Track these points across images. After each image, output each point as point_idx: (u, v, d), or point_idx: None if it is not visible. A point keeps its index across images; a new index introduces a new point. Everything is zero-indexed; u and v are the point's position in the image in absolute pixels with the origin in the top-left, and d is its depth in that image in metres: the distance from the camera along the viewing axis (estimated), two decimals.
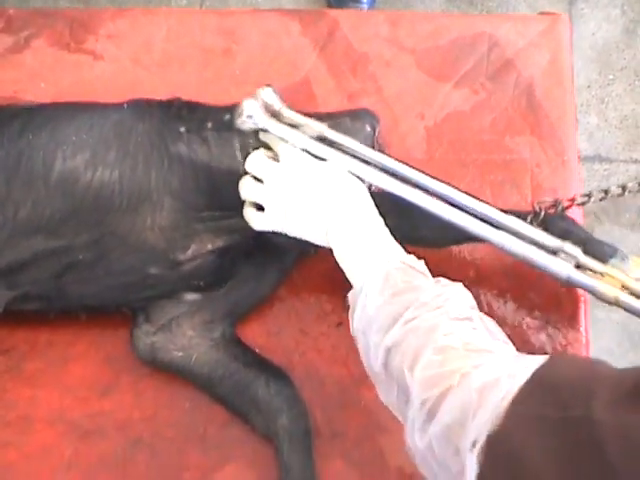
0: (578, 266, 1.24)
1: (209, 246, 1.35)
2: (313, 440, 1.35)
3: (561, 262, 1.23)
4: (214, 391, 1.39)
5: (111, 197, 1.30)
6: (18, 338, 1.43)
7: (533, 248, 1.24)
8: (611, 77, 2.87)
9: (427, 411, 0.95)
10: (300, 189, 1.22)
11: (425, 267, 1.14)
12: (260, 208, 1.27)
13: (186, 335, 1.38)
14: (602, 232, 2.66)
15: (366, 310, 1.11)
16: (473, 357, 0.96)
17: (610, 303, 1.23)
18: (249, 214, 1.28)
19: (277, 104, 1.32)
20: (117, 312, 1.42)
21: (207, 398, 1.39)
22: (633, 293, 1.24)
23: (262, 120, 1.29)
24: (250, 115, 1.28)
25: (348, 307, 1.33)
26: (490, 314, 1.37)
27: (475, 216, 1.27)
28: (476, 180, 1.51)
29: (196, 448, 1.38)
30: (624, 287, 1.24)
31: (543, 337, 1.43)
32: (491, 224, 1.27)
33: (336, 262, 1.25)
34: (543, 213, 1.32)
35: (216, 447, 1.38)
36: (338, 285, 1.41)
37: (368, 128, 1.42)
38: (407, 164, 1.31)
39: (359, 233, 1.18)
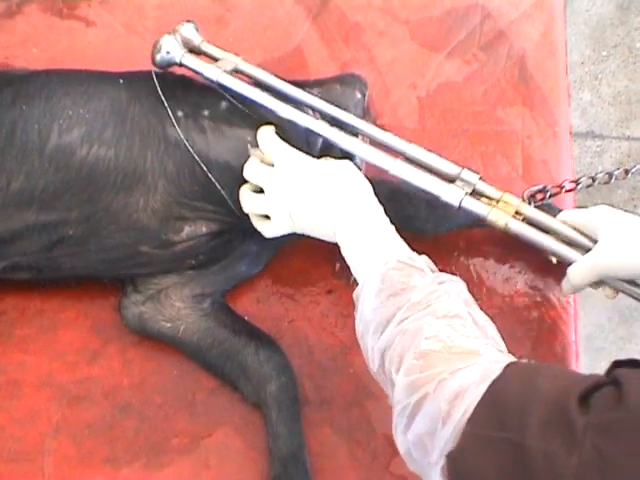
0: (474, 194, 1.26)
1: (204, 229, 1.35)
2: (301, 407, 1.36)
3: (454, 189, 1.25)
4: (203, 359, 1.39)
5: (106, 174, 1.29)
6: (8, 304, 1.43)
7: (427, 175, 1.26)
8: (605, 54, 2.87)
9: (406, 418, 0.96)
10: (301, 192, 1.22)
11: (425, 263, 1.12)
12: (267, 216, 1.27)
13: (174, 306, 1.38)
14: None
15: (364, 314, 1.11)
16: (453, 361, 0.95)
17: (502, 231, 1.25)
18: (258, 225, 1.29)
19: (197, 39, 1.37)
20: (107, 281, 1.42)
21: (195, 365, 1.39)
22: (526, 219, 1.26)
23: (179, 55, 1.34)
24: (168, 51, 1.33)
25: (341, 276, 1.35)
26: (479, 284, 1.40)
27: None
28: (467, 150, 1.51)
29: (184, 414, 1.39)
30: (518, 213, 1.26)
31: (532, 308, 1.44)
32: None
33: None
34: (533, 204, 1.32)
35: (204, 413, 1.38)
36: (328, 253, 1.42)
37: (358, 94, 1.43)
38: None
39: (360, 231, 1.17)
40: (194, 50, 1.37)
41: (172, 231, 1.34)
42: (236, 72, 1.34)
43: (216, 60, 1.36)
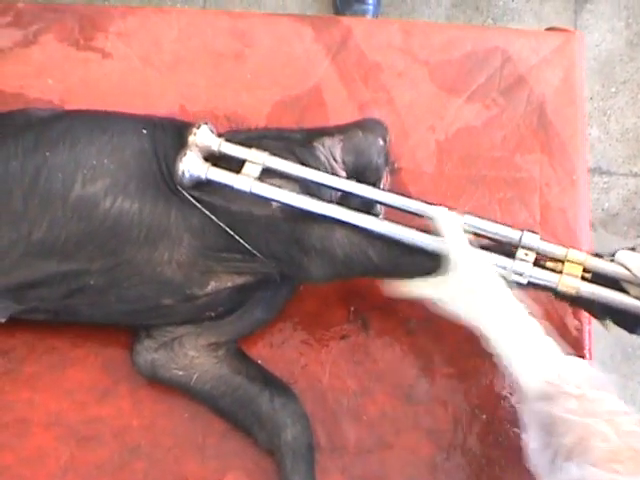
0: (536, 261, 1.24)
1: (229, 283, 1.33)
2: (315, 454, 1.35)
3: (519, 265, 1.23)
4: (216, 405, 1.37)
5: (129, 228, 1.28)
6: (18, 340, 1.41)
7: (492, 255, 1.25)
8: (613, 90, 2.86)
9: None
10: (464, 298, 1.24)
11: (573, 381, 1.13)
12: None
13: (188, 355, 1.37)
14: (599, 244, 2.62)
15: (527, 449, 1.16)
16: None
17: (573, 301, 1.25)
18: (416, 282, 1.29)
19: (214, 142, 1.31)
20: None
21: (206, 409, 1.38)
22: (596, 273, 1.23)
23: (203, 171, 1.28)
24: (190, 169, 1.28)
25: (355, 320, 1.34)
26: None
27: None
28: (485, 196, 1.50)
29: (195, 458, 1.37)
30: (585, 271, 1.23)
31: None
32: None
33: None
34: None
35: (215, 457, 1.37)
36: (342, 297, 1.42)
37: (381, 141, 1.41)
38: (360, 183, 1.32)
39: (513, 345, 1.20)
40: (214, 155, 1.32)
41: (197, 285, 1.32)
42: (265, 170, 1.29)
43: (240, 161, 1.30)
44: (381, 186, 1.43)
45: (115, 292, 1.31)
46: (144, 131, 1.34)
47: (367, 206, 1.32)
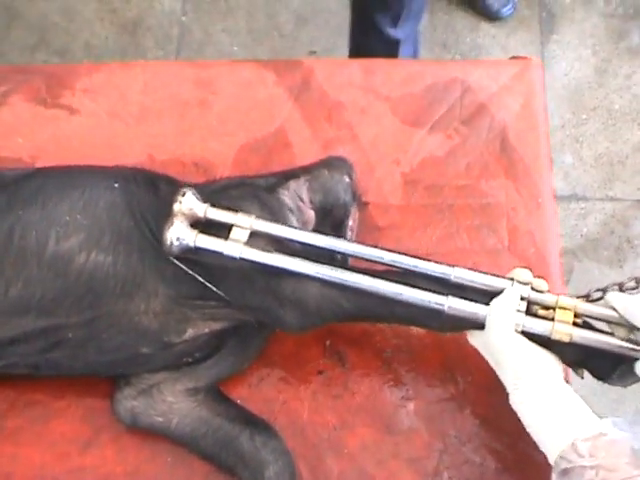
0: (529, 306, 1.25)
1: (206, 330, 1.35)
2: None
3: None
4: (197, 448, 1.37)
5: (105, 281, 1.29)
6: None
7: (482, 307, 1.25)
8: (584, 117, 2.90)
9: None
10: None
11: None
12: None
13: (166, 401, 1.37)
14: (581, 270, 2.67)
15: None
16: None
17: (566, 347, 1.23)
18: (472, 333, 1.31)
19: (200, 209, 1.30)
20: None
21: (189, 452, 1.38)
22: (588, 316, 1.25)
23: (191, 239, 1.27)
24: (178, 237, 1.27)
25: (331, 355, 1.35)
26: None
27: (414, 273, 1.29)
28: (453, 225, 1.51)
29: None
30: (577, 316, 1.24)
31: None
32: (432, 278, 1.28)
33: None
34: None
35: None
36: (318, 334, 1.43)
37: (346, 178, 1.43)
38: (342, 238, 1.33)
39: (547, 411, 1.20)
40: (200, 222, 1.30)
41: (174, 333, 1.33)
42: (253, 234, 1.29)
43: (227, 226, 1.30)
44: (350, 222, 1.45)
45: (94, 344, 1.32)
46: (115, 185, 1.35)
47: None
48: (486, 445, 1.38)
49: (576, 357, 1.26)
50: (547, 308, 1.25)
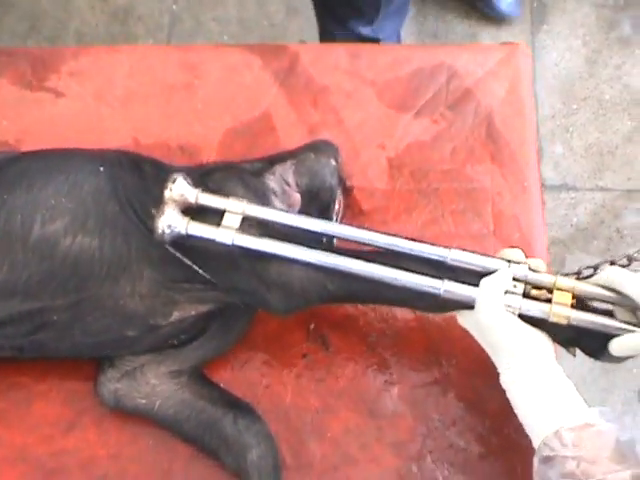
0: (525, 287, 1.24)
1: (192, 312, 1.34)
2: (281, 473, 1.34)
3: (510, 299, 1.22)
4: (180, 431, 1.37)
5: (90, 264, 1.29)
6: None
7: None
8: (575, 107, 2.90)
9: None
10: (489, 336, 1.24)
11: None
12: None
13: (150, 383, 1.37)
14: (572, 261, 2.68)
15: None
16: None
17: (565, 330, 1.23)
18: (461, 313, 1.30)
19: (191, 194, 1.29)
20: None
21: (171, 435, 1.37)
22: (586, 297, 1.24)
23: (183, 226, 1.27)
24: (170, 225, 1.26)
25: (315, 339, 1.35)
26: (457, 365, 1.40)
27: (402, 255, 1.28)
28: (438, 209, 1.51)
29: None
30: (574, 297, 1.23)
31: None
32: (422, 259, 1.27)
33: None
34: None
35: None
36: (302, 317, 1.42)
37: (333, 162, 1.43)
38: (334, 222, 1.34)
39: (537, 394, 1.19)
40: (192, 208, 1.29)
41: (160, 316, 1.33)
42: (245, 219, 1.28)
43: (219, 211, 1.29)
44: (336, 206, 1.45)
45: (79, 326, 1.31)
46: (101, 169, 1.34)
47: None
48: (470, 429, 1.37)
49: (568, 335, 1.25)
50: (541, 288, 1.24)
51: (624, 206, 2.77)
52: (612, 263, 1.28)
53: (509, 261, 1.25)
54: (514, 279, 1.24)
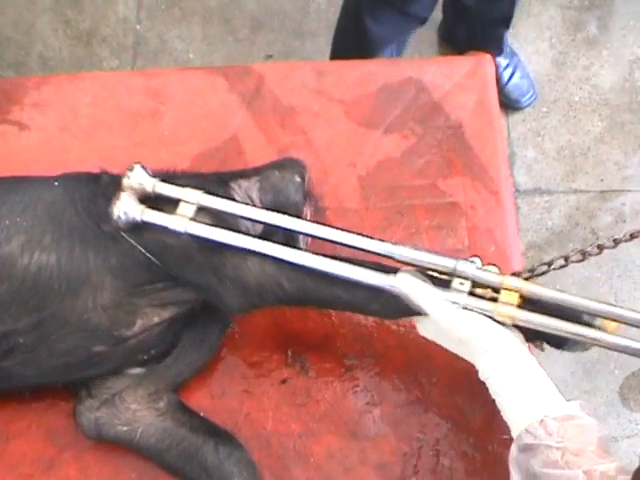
0: (474, 286, 1.23)
1: (155, 319, 1.33)
2: None
3: (454, 296, 1.22)
4: (162, 460, 1.36)
5: (49, 281, 1.28)
6: None
7: (430, 288, 1.23)
8: (545, 109, 2.90)
9: None
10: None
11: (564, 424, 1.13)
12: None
13: (130, 409, 1.35)
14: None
15: None
16: None
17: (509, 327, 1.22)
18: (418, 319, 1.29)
19: (149, 183, 1.30)
20: (61, 386, 1.39)
21: (153, 466, 1.36)
22: (535, 298, 1.22)
23: (138, 213, 1.27)
24: (125, 212, 1.27)
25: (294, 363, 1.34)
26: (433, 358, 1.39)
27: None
28: (412, 226, 1.50)
29: None
30: (521, 297, 1.22)
31: None
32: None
33: (275, 318, 1.26)
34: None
35: None
36: (280, 342, 1.41)
37: (297, 178, 1.42)
38: (292, 215, 1.30)
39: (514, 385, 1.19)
40: (150, 197, 1.30)
41: (124, 326, 1.32)
42: (200, 209, 1.29)
43: (175, 200, 1.30)
44: None
45: (45, 347, 1.30)
46: (55, 183, 1.34)
47: (291, 241, 1.32)
48: (455, 447, 1.37)
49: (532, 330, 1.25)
50: (493, 289, 1.23)
51: (598, 207, 2.77)
52: (566, 259, 1.28)
53: (457, 259, 1.24)
54: (461, 276, 1.23)
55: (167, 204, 1.29)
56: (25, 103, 1.61)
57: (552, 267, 1.27)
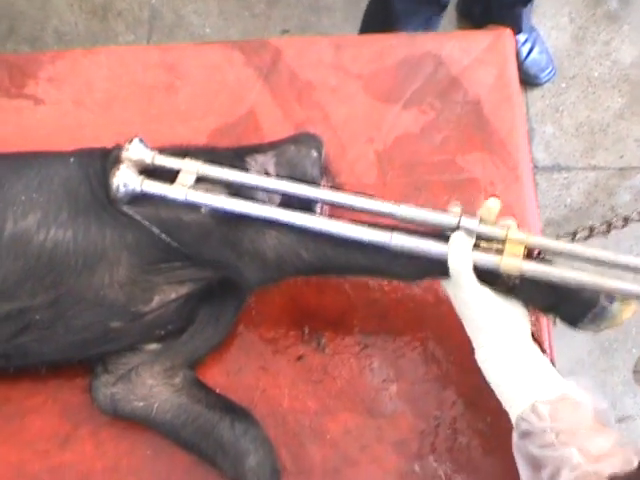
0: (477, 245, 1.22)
1: (173, 295, 1.33)
2: (280, 479, 1.33)
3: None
4: (178, 437, 1.35)
5: (66, 257, 1.27)
6: None
7: (431, 242, 1.23)
8: (564, 85, 2.88)
9: None
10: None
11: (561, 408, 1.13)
12: None
13: (146, 384, 1.35)
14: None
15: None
16: None
17: (515, 280, 1.20)
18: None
19: (147, 156, 1.30)
20: (76, 362, 1.38)
21: (169, 444, 1.35)
22: (541, 250, 1.22)
23: (137, 184, 1.27)
24: (125, 183, 1.27)
25: (310, 340, 1.33)
26: (449, 338, 1.38)
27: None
28: (430, 202, 1.48)
29: None
30: (527, 249, 1.20)
31: None
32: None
33: (292, 295, 1.29)
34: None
35: None
36: (296, 319, 1.40)
37: (314, 153, 1.41)
38: (293, 180, 1.30)
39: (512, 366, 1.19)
40: (148, 169, 1.30)
41: (141, 302, 1.32)
42: (200, 179, 1.29)
43: (175, 171, 1.30)
44: None
45: (62, 323, 1.30)
46: (71, 160, 1.33)
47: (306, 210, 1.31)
48: (472, 426, 1.36)
49: (546, 302, 1.24)
50: (497, 242, 1.21)
51: (617, 184, 2.75)
52: (591, 229, 1.27)
53: (460, 215, 1.23)
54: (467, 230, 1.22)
55: (169, 177, 1.29)
56: (40, 77, 1.60)
57: (577, 238, 1.26)
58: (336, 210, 1.32)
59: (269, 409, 1.38)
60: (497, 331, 1.20)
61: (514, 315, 1.22)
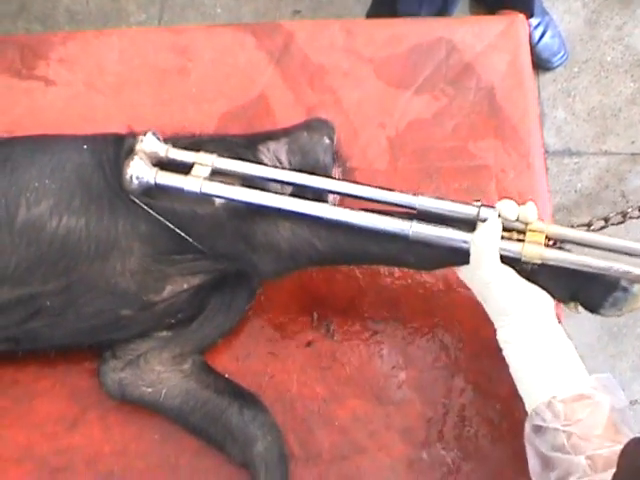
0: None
1: (185, 285, 1.33)
2: (288, 464, 1.33)
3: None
4: (186, 422, 1.35)
5: (78, 244, 1.27)
6: None
7: (450, 230, 1.22)
8: (576, 69, 2.86)
9: None
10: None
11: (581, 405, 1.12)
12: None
13: (154, 370, 1.35)
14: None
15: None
16: None
17: (536, 265, 1.20)
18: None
19: (161, 149, 1.30)
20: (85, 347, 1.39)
21: (177, 428, 1.36)
22: (559, 240, 1.22)
23: (151, 176, 1.26)
24: (138, 176, 1.26)
25: (319, 326, 1.32)
26: (461, 324, 1.37)
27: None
28: (441, 188, 1.48)
29: (169, 479, 1.35)
30: (548, 238, 1.21)
31: None
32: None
33: (301, 281, 1.29)
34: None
35: (188, 477, 1.35)
36: (306, 305, 1.40)
37: (326, 140, 1.41)
38: (307, 173, 1.30)
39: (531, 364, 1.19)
40: (162, 162, 1.29)
41: (153, 292, 1.32)
42: (214, 172, 1.28)
43: (189, 165, 1.29)
44: None
45: (73, 310, 1.30)
46: (84, 146, 1.33)
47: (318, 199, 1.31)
48: (480, 414, 1.36)
49: (566, 290, 1.24)
50: (518, 232, 1.22)
51: (628, 169, 2.74)
52: (606, 219, 1.26)
53: (479, 206, 1.23)
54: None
55: (183, 170, 1.28)
56: (51, 58, 1.59)
57: (592, 228, 1.26)
58: (345, 198, 1.31)
59: (278, 395, 1.38)
60: (521, 311, 1.19)
61: (539, 296, 1.21)
